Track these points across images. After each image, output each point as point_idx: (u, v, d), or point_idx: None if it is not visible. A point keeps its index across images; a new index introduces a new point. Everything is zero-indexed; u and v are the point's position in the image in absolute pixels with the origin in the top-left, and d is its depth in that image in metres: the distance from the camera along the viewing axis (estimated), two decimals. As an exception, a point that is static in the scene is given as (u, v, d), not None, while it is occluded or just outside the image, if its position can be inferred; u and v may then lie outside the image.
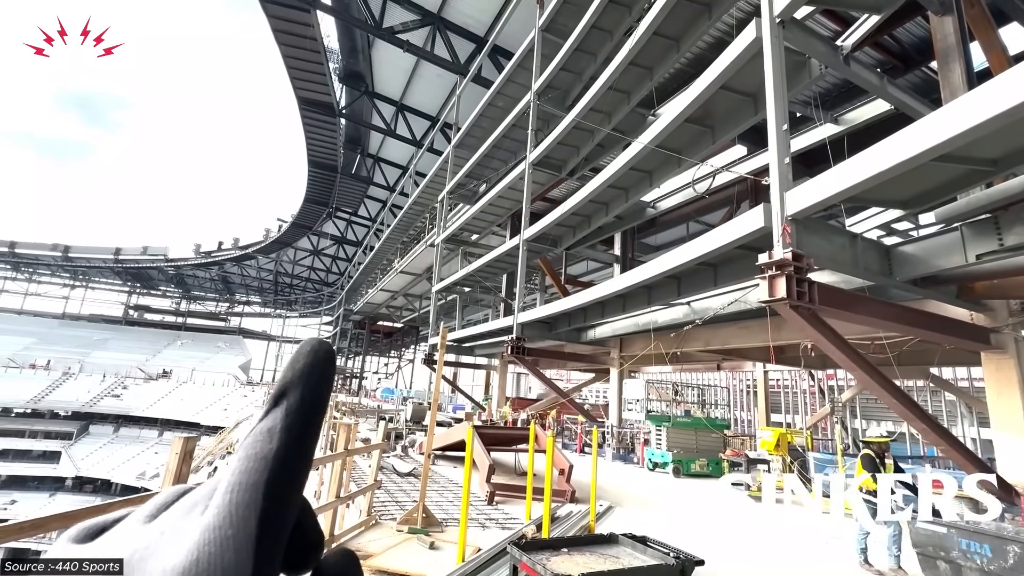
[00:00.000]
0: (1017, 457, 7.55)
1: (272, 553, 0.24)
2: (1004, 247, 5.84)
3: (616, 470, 12.59)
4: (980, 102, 4.12)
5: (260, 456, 0.26)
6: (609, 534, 3.37)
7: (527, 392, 35.84)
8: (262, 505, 0.24)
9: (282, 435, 0.26)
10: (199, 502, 0.27)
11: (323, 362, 0.30)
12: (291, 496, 0.26)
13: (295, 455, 0.26)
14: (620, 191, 12.13)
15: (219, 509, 0.24)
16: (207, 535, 0.24)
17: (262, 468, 0.25)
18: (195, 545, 0.23)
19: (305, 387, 0.28)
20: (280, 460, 0.26)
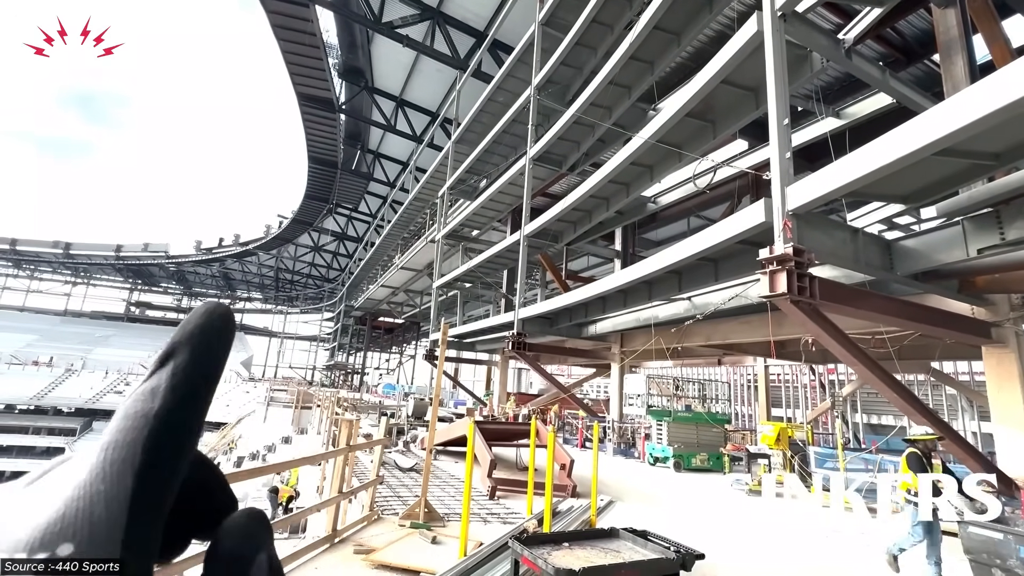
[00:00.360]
0: (1017, 451, 7.56)
1: (150, 511, 0.23)
2: (1006, 241, 5.83)
3: (617, 465, 12.64)
4: (983, 95, 4.09)
5: (140, 414, 0.25)
6: (610, 528, 3.39)
7: (528, 387, 35.93)
8: (140, 460, 0.23)
9: (166, 394, 0.26)
10: (79, 465, 0.25)
11: (218, 323, 0.29)
12: (175, 455, 0.25)
13: (181, 414, 0.25)
14: (621, 186, 12.10)
15: (92, 466, 0.24)
16: (77, 491, 0.23)
17: (141, 426, 0.24)
18: (63, 500, 0.23)
19: (195, 348, 0.28)
20: (162, 418, 0.25)
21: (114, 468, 0.23)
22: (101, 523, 0.22)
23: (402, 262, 28.30)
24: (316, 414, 20.70)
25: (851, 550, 6.12)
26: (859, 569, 5.48)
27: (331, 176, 31.63)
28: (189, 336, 0.28)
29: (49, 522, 0.22)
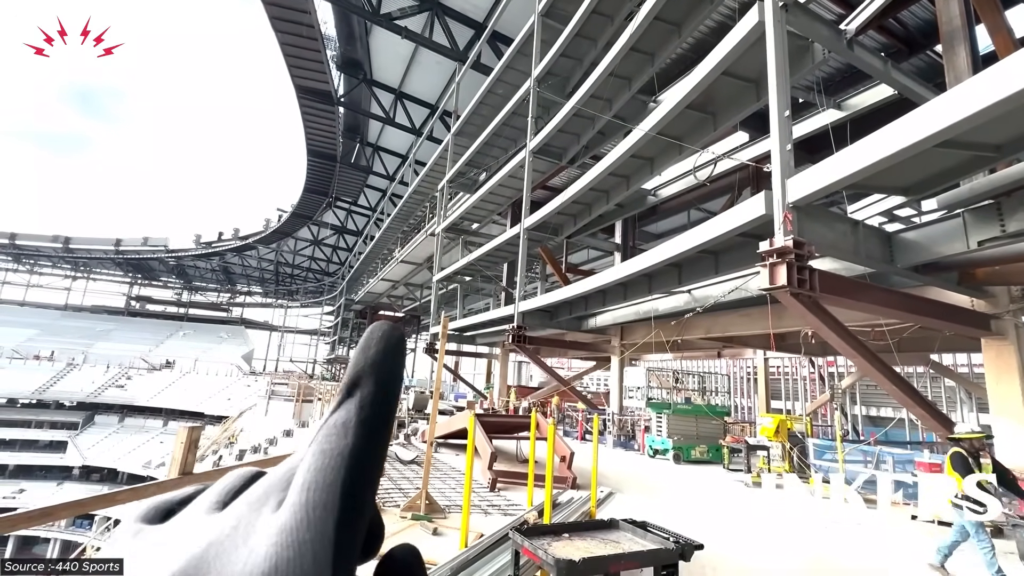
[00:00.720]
0: (1015, 442, 7.60)
1: (349, 557, 0.23)
2: (1006, 233, 5.82)
3: (617, 457, 12.70)
4: (985, 86, 4.07)
5: (336, 452, 0.24)
6: (610, 519, 3.41)
7: (528, 380, 36.02)
8: (339, 506, 0.23)
9: (357, 429, 0.25)
10: (271, 494, 0.26)
11: (395, 349, 0.29)
12: (368, 496, 0.25)
13: (371, 452, 0.25)
14: (621, 179, 12.07)
15: (295, 509, 0.23)
16: (284, 537, 0.23)
17: (338, 465, 0.24)
18: (272, 548, 0.23)
19: (378, 377, 0.27)
20: (356, 457, 0.25)
21: (316, 513, 0.23)
22: (310, 574, 0.22)
23: (402, 256, 28.28)
24: (317, 407, 20.78)
25: (849, 541, 6.17)
26: (856, 559, 5.52)
27: (330, 169, 31.52)
28: (372, 365, 0.28)
29: (264, 573, 0.22)
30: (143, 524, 0.28)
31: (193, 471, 3.10)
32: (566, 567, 2.53)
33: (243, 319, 65.79)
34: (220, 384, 45.25)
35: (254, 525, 0.24)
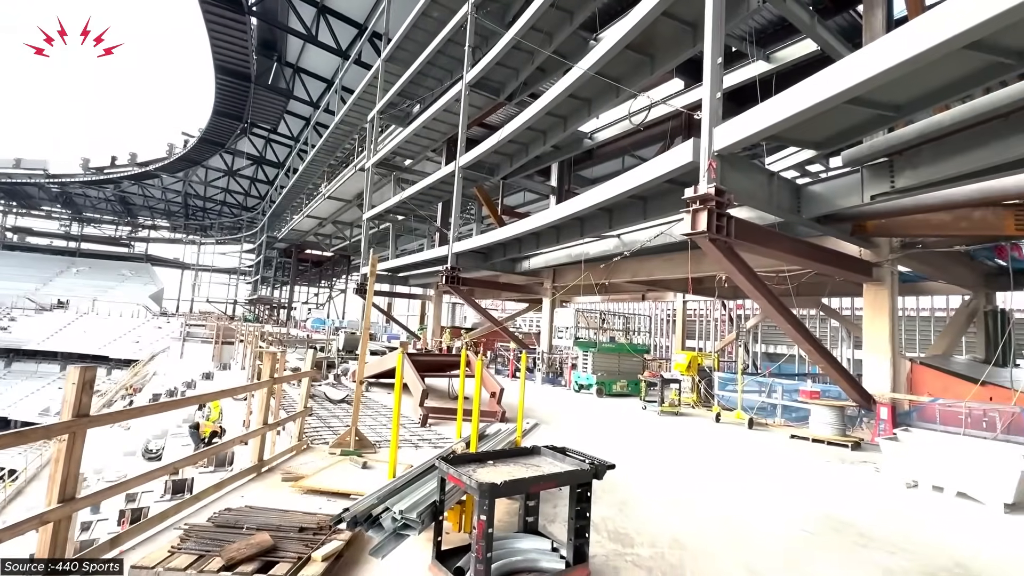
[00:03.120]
0: (879, 373, 8.88)
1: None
2: (895, 189, 6.45)
3: (545, 392, 13.41)
4: (886, 49, 4.33)
5: None
6: (532, 447, 3.62)
7: (462, 321, 36.43)
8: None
9: None
10: None
11: None
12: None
13: None
14: (558, 119, 11.88)
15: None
16: None
17: None
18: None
19: None
20: None
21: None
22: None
23: (329, 191, 26.62)
24: (239, 349, 19.84)
25: (734, 453, 7.04)
26: (740, 465, 6.33)
27: (244, 91, 28.28)
28: None
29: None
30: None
31: (90, 413, 2.86)
32: (488, 489, 2.67)
33: (148, 256, 59.90)
34: (126, 326, 41.64)
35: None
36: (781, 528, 4.29)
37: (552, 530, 3.88)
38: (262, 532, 3.26)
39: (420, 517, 3.04)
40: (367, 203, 19.50)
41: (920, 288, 13.45)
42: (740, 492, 5.38)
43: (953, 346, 12.31)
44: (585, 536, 3.12)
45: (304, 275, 50.87)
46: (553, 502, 4.49)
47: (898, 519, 4.65)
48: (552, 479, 3.02)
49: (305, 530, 3.44)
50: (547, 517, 4.20)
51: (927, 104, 5.61)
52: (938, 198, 7.03)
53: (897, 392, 8.60)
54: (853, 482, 5.97)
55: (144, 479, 3.56)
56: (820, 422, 8.35)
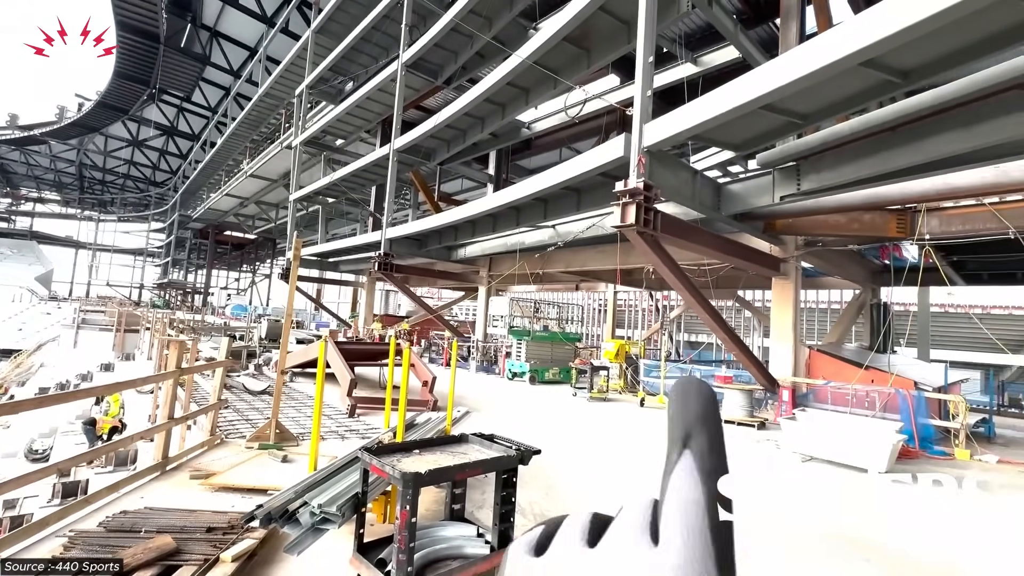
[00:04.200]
0: (783, 359, 9.73)
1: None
2: (800, 191, 7.05)
3: (479, 381, 13.45)
4: (793, 62, 4.70)
5: (693, 501, 0.27)
6: (460, 434, 3.60)
7: (396, 309, 35.63)
8: (714, 551, 0.26)
9: (706, 480, 0.28)
10: (637, 536, 0.28)
11: (713, 402, 0.32)
12: (730, 538, 0.27)
13: (721, 500, 0.28)
14: (497, 107, 11.81)
15: (678, 552, 0.26)
16: (676, 574, 0.25)
17: (700, 513, 0.27)
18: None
19: (708, 429, 0.30)
20: (712, 506, 0.27)
21: (698, 555, 0.26)
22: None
23: (252, 169, 24.81)
24: (146, 338, 18.12)
25: (657, 436, 7.48)
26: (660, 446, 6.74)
27: (151, 52, 25.53)
28: (700, 419, 0.31)
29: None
30: (529, 557, 0.31)
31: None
32: (412, 478, 2.63)
33: (34, 233, 52.86)
34: (6, 311, 36.63)
35: (635, 563, 0.27)
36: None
37: (480, 516, 3.91)
38: (163, 535, 3.01)
39: (341, 510, 2.94)
40: (294, 183, 18.39)
41: (819, 283, 14.87)
42: (659, 469, 5.71)
43: (845, 335, 13.77)
44: (510, 520, 3.16)
45: (223, 258, 47.29)
46: (482, 489, 4.52)
47: (793, 487, 5.15)
48: (478, 466, 3.03)
49: (214, 530, 3.22)
50: (475, 503, 4.23)
51: (830, 114, 6.15)
52: (835, 201, 7.77)
53: (797, 376, 9.50)
54: (756, 456, 6.53)
55: (23, 481, 3.16)
56: (732, 404, 9.04)
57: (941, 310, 17.02)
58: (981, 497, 5.27)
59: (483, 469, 3.10)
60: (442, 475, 2.86)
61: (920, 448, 7.32)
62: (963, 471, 6.45)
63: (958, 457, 7.11)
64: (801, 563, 3.52)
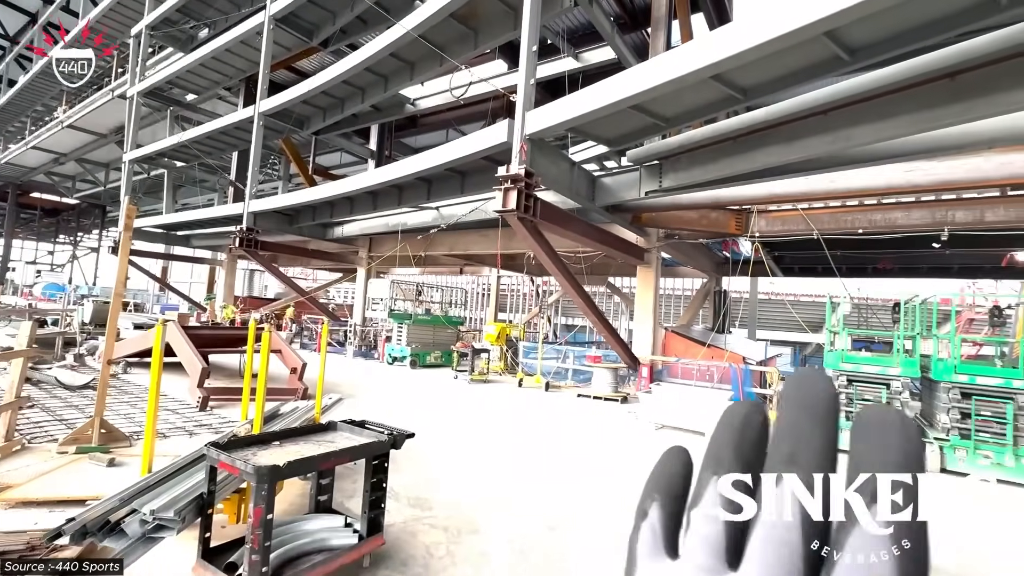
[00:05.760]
0: (644, 339, 10.81)
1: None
2: (662, 188, 7.81)
3: (356, 366, 12.86)
4: (653, 69, 5.18)
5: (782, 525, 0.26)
6: (328, 422, 3.40)
7: (263, 291, 32.40)
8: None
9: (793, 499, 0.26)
10: (716, 556, 0.27)
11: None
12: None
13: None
14: (379, 78, 11.18)
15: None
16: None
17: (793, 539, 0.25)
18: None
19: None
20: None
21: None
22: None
23: (71, 119, 20.43)
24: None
25: (532, 413, 7.86)
26: (534, 422, 7.09)
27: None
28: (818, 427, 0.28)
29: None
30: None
31: None
32: (268, 472, 2.41)
33: None
34: None
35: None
36: (564, 467, 4.93)
37: (350, 506, 3.75)
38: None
39: (180, 514, 2.59)
40: (130, 140, 15.57)
41: (675, 271, 16.76)
42: (532, 444, 6.02)
43: (694, 318, 15.75)
44: (381, 507, 3.07)
45: (30, 226, 38.61)
46: (353, 478, 4.33)
47: (647, 449, 5.79)
48: (345, 454, 2.88)
49: (6, 555, 2.63)
50: (346, 493, 4.04)
51: (688, 120, 6.86)
52: (689, 199, 8.75)
53: (655, 355, 10.63)
54: (618, 426, 7.21)
55: None
56: (600, 382, 9.82)
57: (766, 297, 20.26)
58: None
59: (351, 456, 2.96)
60: (304, 466, 2.66)
61: (745, 412, 8.67)
62: (774, 429, 7.79)
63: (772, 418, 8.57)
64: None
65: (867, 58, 4.85)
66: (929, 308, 6.82)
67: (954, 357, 5.82)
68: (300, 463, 2.59)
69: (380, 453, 3.02)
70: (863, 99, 5.47)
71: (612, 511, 4.03)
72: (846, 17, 3.97)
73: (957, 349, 5.93)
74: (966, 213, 8.15)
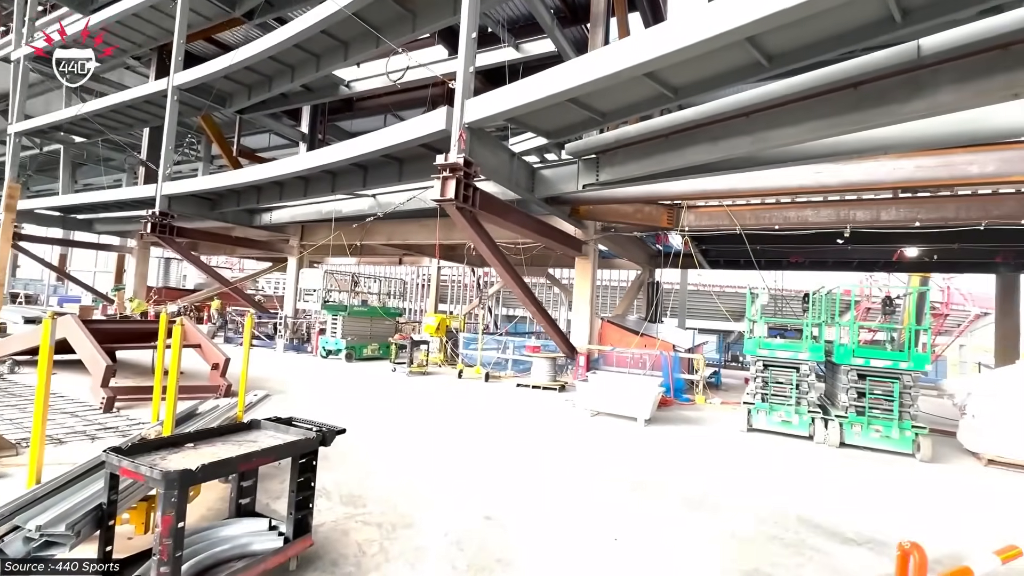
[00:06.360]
0: (581, 329, 11.09)
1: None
2: (599, 181, 7.99)
3: (287, 360, 12.23)
4: (591, 64, 5.29)
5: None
6: (250, 421, 3.20)
7: (181, 281, 29.99)
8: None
9: None
10: None
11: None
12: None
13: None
14: (310, 56, 10.57)
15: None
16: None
17: None
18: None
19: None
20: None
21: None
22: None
23: (-59, 82, 17.69)
24: None
25: (472, 403, 7.86)
26: (473, 412, 7.09)
27: None
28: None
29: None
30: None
31: None
32: (177, 478, 2.22)
33: None
34: None
35: None
36: (501, 456, 4.96)
37: (277, 507, 3.57)
38: None
39: (75, 528, 2.34)
40: (16, 110, 13.75)
41: (612, 263, 17.30)
42: (470, 434, 6.01)
43: (628, 308, 16.37)
44: (309, 507, 2.94)
45: None
46: (281, 478, 4.11)
47: (582, 435, 5.96)
48: (269, 453, 2.72)
49: None
50: (273, 494, 3.84)
51: (624, 115, 7.03)
52: (624, 194, 9.02)
53: (592, 344, 10.95)
54: (555, 414, 7.36)
55: None
56: (539, 371, 9.97)
57: (694, 288, 21.43)
58: (700, 432, 6.88)
59: (275, 456, 2.80)
60: (220, 469, 2.48)
61: (674, 397, 9.18)
62: (699, 412, 8.31)
63: (697, 402, 9.12)
64: (584, 496, 4.10)
65: (784, 65, 5.20)
66: (833, 298, 7.50)
67: (853, 342, 6.44)
68: (216, 466, 2.41)
69: (308, 451, 2.88)
70: (780, 104, 5.87)
71: (548, 496, 4.11)
72: (762, 25, 4.22)
73: (855, 335, 6.57)
74: (865, 212, 9.02)
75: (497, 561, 3.02)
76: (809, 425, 6.50)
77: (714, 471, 5.10)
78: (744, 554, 3.29)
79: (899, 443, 6.01)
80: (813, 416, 6.48)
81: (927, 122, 5.57)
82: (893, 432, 6.00)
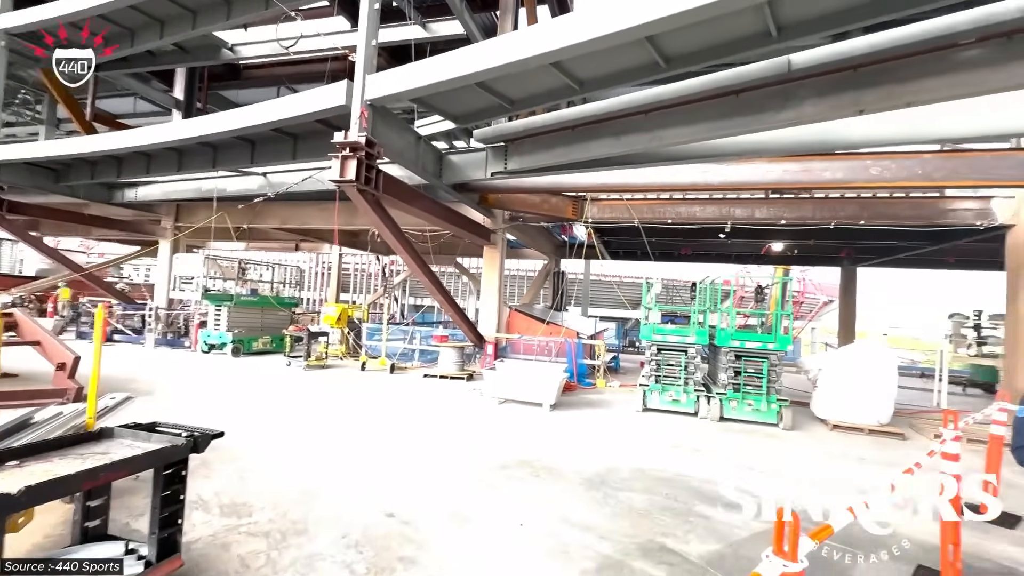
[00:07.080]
0: (489, 317, 11.11)
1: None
2: (507, 170, 7.97)
3: (159, 357, 10.80)
4: (497, 49, 5.25)
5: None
6: (100, 429, 2.71)
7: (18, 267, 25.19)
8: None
9: None
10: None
11: None
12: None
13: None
14: (185, 11, 9.25)
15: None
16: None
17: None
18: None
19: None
20: None
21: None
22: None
23: None
24: None
25: (376, 396, 7.53)
26: (377, 405, 6.80)
27: None
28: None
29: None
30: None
31: None
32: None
33: None
34: None
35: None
36: (404, 449, 4.78)
37: (139, 526, 3.10)
38: None
39: None
40: None
41: (520, 253, 17.55)
42: (372, 428, 5.74)
43: (535, 297, 16.76)
44: (178, 523, 2.56)
45: None
46: (146, 492, 3.57)
47: (489, 423, 5.96)
48: (123, 466, 2.31)
49: None
50: (136, 511, 3.33)
51: (533, 104, 7.03)
52: (532, 184, 9.14)
53: (500, 332, 11.02)
54: (462, 404, 7.30)
55: None
56: (446, 361, 9.82)
57: (597, 278, 22.53)
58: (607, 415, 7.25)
59: (131, 469, 2.39)
60: (54, 489, 2.05)
61: (578, 382, 9.57)
62: (600, 395, 8.74)
63: (599, 386, 9.59)
64: (490, 483, 4.08)
65: (680, 67, 5.52)
66: (716, 288, 8.26)
67: (730, 327, 7.15)
68: (47, 486, 1.98)
69: (175, 460, 2.51)
70: (675, 104, 6.25)
71: (453, 487, 4.03)
72: (658, 26, 4.45)
73: (733, 320, 7.30)
74: (742, 210, 10.04)
75: (400, 560, 2.88)
76: (695, 403, 7.12)
77: (612, 450, 5.37)
78: (639, 527, 3.48)
79: (767, 415, 6.80)
80: (699, 394, 7.10)
81: (795, 130, 6.27)
82: (763, 405, 6.77)
